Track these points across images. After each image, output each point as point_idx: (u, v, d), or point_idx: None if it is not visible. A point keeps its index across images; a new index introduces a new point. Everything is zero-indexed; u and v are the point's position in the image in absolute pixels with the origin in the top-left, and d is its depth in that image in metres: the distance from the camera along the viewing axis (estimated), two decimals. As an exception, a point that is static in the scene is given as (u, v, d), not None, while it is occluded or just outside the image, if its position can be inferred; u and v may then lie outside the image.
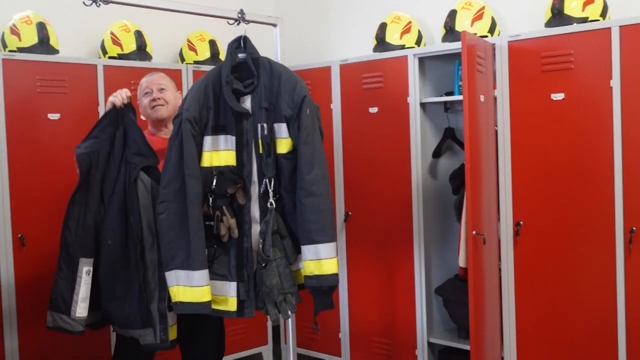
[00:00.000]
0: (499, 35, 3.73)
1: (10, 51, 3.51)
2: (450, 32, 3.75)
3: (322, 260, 2.52)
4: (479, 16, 3.70)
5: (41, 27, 3.57)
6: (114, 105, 2.78)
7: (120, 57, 3.88)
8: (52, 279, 2.77)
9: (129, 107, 2.81)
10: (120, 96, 2.79)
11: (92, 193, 2.75)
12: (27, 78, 3.40)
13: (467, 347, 3.25)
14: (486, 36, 3.65)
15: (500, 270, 3.46)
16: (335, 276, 2.54)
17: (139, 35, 3.98)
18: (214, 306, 2.56)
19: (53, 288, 2.74)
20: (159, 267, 2.67)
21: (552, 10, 3.37)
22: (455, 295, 3.72)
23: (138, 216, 2.69)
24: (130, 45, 3.92)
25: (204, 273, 2.48)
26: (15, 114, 3.36)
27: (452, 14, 3.76)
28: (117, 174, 2.75)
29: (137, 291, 2.68)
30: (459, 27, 3.71)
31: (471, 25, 3.69)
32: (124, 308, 2.72)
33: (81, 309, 2.71)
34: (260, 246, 2.56)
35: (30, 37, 3.54)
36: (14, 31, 3.54)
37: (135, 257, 2.69)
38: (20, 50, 3.50)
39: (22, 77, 3.39)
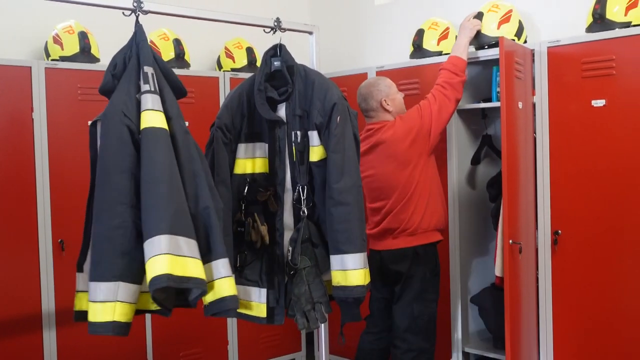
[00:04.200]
0: (525, 38, 3.68)
1: (52, 60, 3.60)
2: (476, 37, 3.65)
3: (348, 271, 2.46)
4: (505, 19, 3.61)
5: (83, 37, 3.65)
6: None
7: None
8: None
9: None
10: None
11: None
12: (69, 86, 3.48)
13: (503, 358, 3.20)
14: (513, 40, 3.57)
15: (537, 279, 3.39)
16: (361, 288, 2.47)
17: (177, 43, 4.04)
18: (245, 311, 2.57)
19: None
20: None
21: (593, 15, 3.30)
22: (492, 305, 3.67)
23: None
24: (169, 53, 3.98)
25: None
26: (57, 121, 3.44)
27: (479, 16, 3.66)
28: None
29: None
30: (485, 30, 3.63)
31: (497, 29, 3.61)
32: None
33: None
34: (289, 254, 2.56)
35: (72, 46, 3.62)
36: (57, 40, 3.63)
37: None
38: (63, 59, 3.59)
39: (64, 86, 3.47)
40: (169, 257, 1.99)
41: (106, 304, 2.04)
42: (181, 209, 2.09)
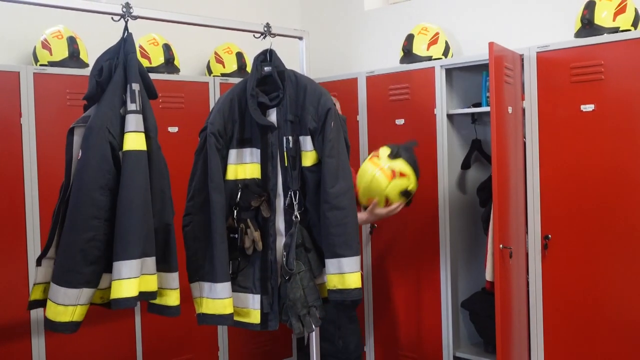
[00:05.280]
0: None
1: (41, 65, 3.58)
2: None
3: (345, 274, 2.49)
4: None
5: (72, 42, 3.63)
6: None
7: (149, 70, 3.92)
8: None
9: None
10: None
11: None
12: (58, 91, 3.46)
13: (495, 362, 3.21)
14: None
15: (528, 284, 3.40)
16: (358, 290, 2.51)
17: (167, 48, 4.02)
18: (238, 318, 2.57)
19: None
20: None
21: (581, 20, 3.32)
22: (482, 309, 3.68)
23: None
24: (158, 59, 3.97)
25: (227, 285, 2.48)
26: (46, 127, 3.42)
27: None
28: None
29: None
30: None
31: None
32: None
33: None
34: (284, 259, 2.56)
35: (61, 51, 3.60)
36: (45, 45, 3.61)
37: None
38: (51, 64, 3.57)
39: (53, 91, 3.45)
40: (137, 280, 2.15)
41: (68, 307, 2.17)
42: (150, 230, 2.22)
